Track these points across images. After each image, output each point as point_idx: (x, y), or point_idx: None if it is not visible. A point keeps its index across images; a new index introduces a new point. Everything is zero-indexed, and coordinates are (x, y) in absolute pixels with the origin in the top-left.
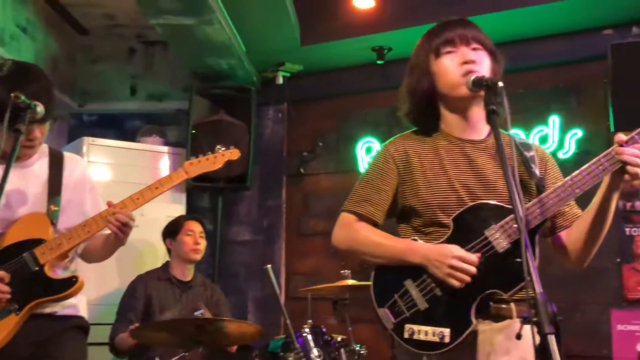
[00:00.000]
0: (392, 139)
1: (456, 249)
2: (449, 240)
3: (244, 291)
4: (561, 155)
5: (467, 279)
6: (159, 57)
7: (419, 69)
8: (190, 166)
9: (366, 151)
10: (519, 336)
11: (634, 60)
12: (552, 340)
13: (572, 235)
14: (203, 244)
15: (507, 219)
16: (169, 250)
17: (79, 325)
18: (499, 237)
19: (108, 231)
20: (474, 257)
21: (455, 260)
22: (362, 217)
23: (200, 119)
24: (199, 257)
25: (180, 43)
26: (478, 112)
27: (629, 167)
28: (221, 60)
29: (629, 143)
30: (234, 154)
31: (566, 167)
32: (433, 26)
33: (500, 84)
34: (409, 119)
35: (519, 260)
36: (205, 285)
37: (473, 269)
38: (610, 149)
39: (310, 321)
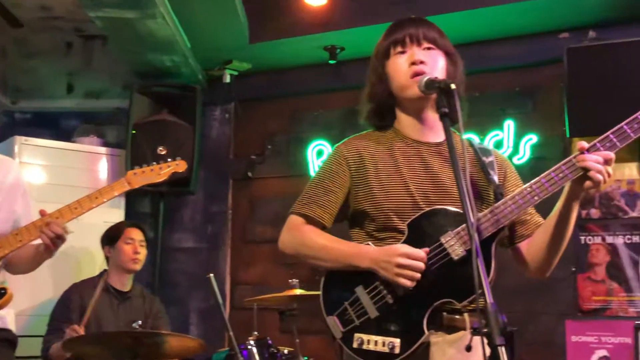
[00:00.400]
0: (345, 139)
1: (402, 247)
2: None
3: (186, 301)
4: (516, 160)
5: (417, 276)
6: (98, 53)
7: (375, 72)
8: (134, 176)
9: (317, 154)
10: (468, 347)
11: (590, 65)
12: (502, 351)
13: (533, 245)
14: (143, 253)
15: (464, 225)
16: (107, 258)
17: (6, 339)
18: (454, 244)
19: (38, 241)
20: (422, 252)
21: (402, 258)
22: (309, 220)
23: (141, 119)
24: (138, 267)
25: (121, 38)
26: (434, 115)
27: (591, 174)
28: (164, 56)
29: (591, 151)
30: (180, 165)
31: (521, 172)
32: (388, 26)
33: (453, 86)
34: (368, 122)
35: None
36: (145, 296)
37: (421, 265)
38: (571, 157)
39: (255, 333)
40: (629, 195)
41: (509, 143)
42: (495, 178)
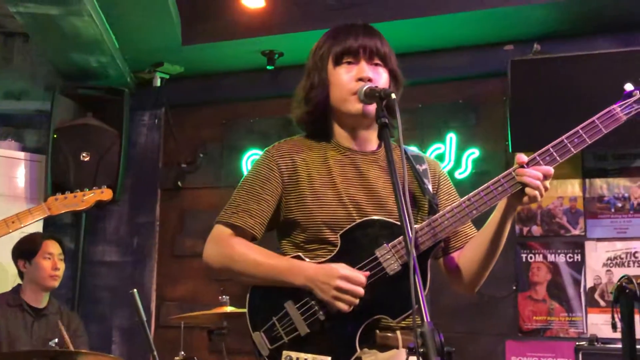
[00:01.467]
0: (276, 143)
1: (342, 268)
2: (335, 259)
3: (108, 319)
4: (458, 175)
5: (355, 301)
6: (19, 51)
7: (317, 74)
8: (55, 202)
9: (252, 164)
10: None
11: (534, 78)
12: None
13: (464, 258)
14: (62, 268)
15: (400, 238)
16: (20, 273)
17: None
18: (390, 259)
19: None
20: (362, 276)
21: (342, 281)
22: (238, 230)
23: (63, 123)
24: (57, 284)
25: (44, 35)
26: (369, 131)
27: (528, 189)
28: (90, 56)
29: (530, 164)
30: (105, 194)
31: (462, 187)
32: (336, 27)
33: (394, 96)
34: (301, 125)
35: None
36: (62, 313)
37: (361, 290)
38: (510, 170)
39: (182, 353)
40: (571, 212)
41: (450, 157)
42: (430, 187)
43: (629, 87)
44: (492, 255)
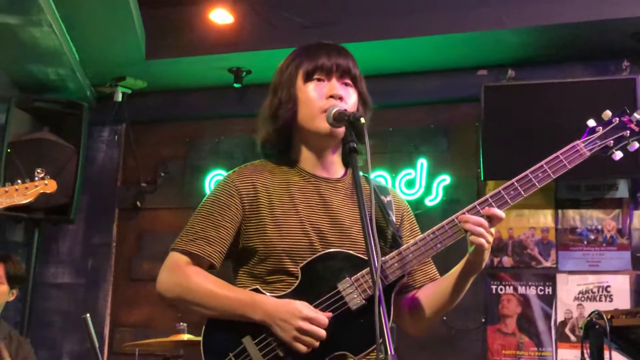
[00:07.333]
0: (237, 168)
1: (305, 308)
2: (295, 293)
3: (59, 344)
4: (428, 202)
5: (315, 344)
6: None
7: (285, 91)
8: None
9: (211, 189)
10: None
11: (507, 105)
12: None
13: (421, 299)
14: (2, 289)
15: (363, 272)
16: None
17: None
18: (352, 293)
19: None
20: (325, 318)
21: (304, 322)
22: (195, 259)
23: (18, 136)
24: None
25: (0, 45)
26: (335, 154)
27: (471, 237)
28: (49, 68)
29: (470, 212)
30: (49, 185)
31: (432, 215)
32: (306, 45)
33: (363, 120)
34: (265, 147)
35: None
36: (11, 337)
37: (323, 333)
38: (452, 217)
39: None
40: (543, 244)
41: (421, 183)
42: (394, 219)
43: (591, 123)
44: (448, 304)
